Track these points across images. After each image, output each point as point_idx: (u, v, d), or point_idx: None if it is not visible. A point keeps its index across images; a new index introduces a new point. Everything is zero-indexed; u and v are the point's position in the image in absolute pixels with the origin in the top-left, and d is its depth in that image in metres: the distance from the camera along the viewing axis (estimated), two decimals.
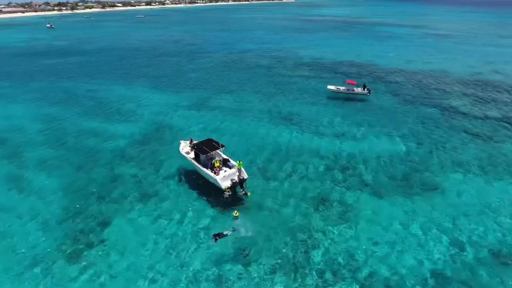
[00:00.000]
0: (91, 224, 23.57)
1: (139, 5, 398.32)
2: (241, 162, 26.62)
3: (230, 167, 27.04)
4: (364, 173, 29.83)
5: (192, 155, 29.00)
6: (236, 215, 23.21)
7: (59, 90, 56.90)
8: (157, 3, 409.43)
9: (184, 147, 30.15)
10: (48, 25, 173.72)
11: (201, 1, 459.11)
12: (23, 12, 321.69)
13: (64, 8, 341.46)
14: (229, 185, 25.42)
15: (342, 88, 52.34)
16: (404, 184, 28.31)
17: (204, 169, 26.72)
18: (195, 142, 29.76)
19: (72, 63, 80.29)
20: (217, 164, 26.53)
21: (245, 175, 26.43)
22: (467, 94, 51.93)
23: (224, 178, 25.68)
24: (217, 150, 27.50)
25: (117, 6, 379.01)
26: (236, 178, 25.90)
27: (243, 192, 25.97)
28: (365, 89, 50.64)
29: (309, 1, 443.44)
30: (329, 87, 52.83)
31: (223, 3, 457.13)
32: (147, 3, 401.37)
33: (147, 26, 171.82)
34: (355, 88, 51.56)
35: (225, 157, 28.19)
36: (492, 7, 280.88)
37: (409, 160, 32.25)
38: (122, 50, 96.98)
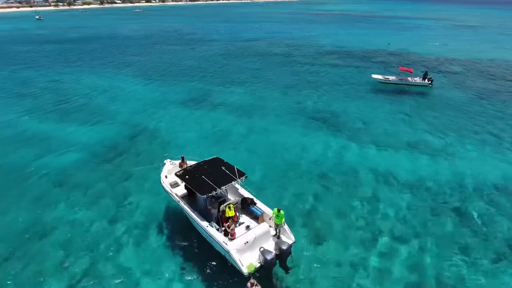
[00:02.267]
0: None
1: (138, 2, 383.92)
2: (281, 210, 12.90)
3: (257, 216, 13.54)
4: (491, 226, 16.22)
5: (181, 189, 15.48)
6: None
7: (15, 80, 43.36)
8: (157, 0, 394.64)
9: (170, 173, 16.57)
10: (37, 17, 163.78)
11: None
12: (18, 7, 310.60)
13: (61, 4, 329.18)
14: (258, 265, 11.80)
15: (392, 77, 38.82)
16: None
17: (204, 224, 13.12)
18: (189, 165, 16.26)
19: (49, 50, 66.78)
20: (230, 213, 12.99)
21: (290, 238, 12.81)
22: None
23: (245, 247, 12.10)
24: (233, 183, 13.85)
25: (116, 3, 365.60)
26: (272, 248, 12.23)
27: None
28: (426, 79, 37.08)
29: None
30: (375, 76, 39.31)
31: (225, 1, 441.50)
32: (147, 0, 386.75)
33: (144, 18, 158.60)
34: (409, 78, 38.06)
35: (246, 194, 14.61)
36: (492, 5, 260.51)
37: None
38: (112, 39, 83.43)
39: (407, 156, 22.59)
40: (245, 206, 14.03)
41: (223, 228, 12.77)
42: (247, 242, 12.15)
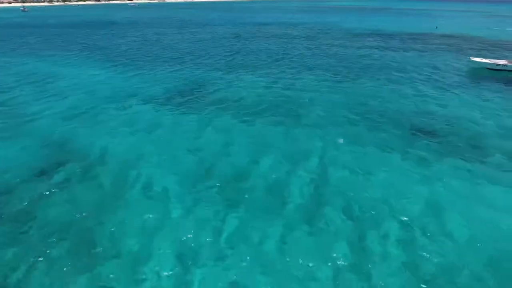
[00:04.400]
0: None
1: (137, 0, 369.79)
2: None
3: None
4: None
5: None
6: None
7: None
8: None
9: None
10: (22, 8, 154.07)
11: None
12: (10, 3, 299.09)
13: (56, 0, 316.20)
14: None
15: (502, 62, 24.67)
16: None
17: None
18: None
19: (10, 34, 52.64)
20: None
21: None
22: None
23: None
24: None
25: (113, 0, 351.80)
26: None
27: None
28: None
29: None
30: (476, 59, 25.36)
31: None
32: None
33: (139, 10, 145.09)
34: None
35: None
36: (491, 3, 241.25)
37: None
38: (95, 24, 69.34)
39: None
40: None
41: None
42: None
